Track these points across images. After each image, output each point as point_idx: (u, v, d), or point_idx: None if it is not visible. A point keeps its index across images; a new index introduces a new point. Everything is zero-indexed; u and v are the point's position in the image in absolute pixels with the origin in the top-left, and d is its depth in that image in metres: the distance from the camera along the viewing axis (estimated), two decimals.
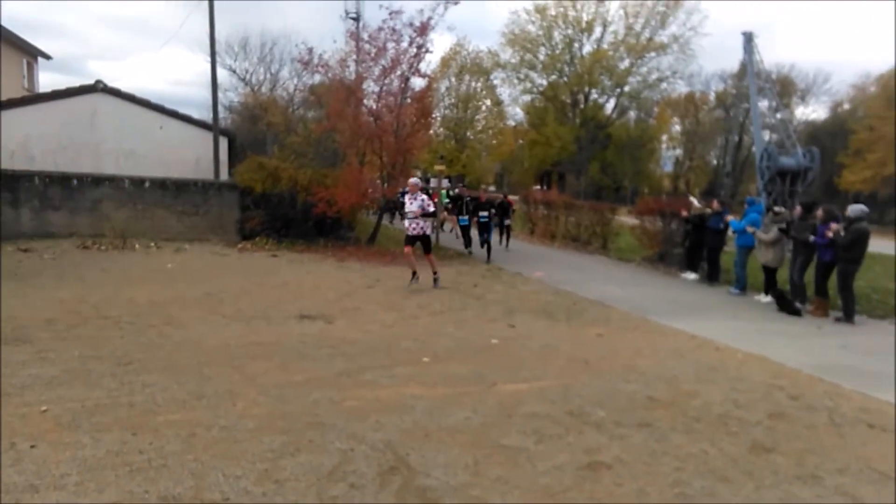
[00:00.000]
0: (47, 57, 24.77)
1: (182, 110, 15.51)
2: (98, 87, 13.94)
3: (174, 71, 64.37)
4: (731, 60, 63.05)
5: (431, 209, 9.35)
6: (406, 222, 9.19)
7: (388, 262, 11.42)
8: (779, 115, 27.76)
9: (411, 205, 8.93)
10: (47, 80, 52.34)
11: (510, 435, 3.79)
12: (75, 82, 14.30)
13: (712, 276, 11.36)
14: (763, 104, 29.15)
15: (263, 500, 2.85)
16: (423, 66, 13.29)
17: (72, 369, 4.45)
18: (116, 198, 12.23)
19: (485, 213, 13.41)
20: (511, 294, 9.09)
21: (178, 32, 65.44)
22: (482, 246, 12.96)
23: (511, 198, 18.04)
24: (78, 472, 2.96)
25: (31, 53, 23.64)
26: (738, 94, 40.38)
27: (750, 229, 9.91)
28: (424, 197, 9.22)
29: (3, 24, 19.27)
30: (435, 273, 9.24)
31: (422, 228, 9.01)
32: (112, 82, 14.24)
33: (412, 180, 9.24)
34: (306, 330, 6.15)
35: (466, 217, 13.94)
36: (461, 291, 9.01)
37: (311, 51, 13.38)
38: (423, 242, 9.15)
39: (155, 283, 8.05)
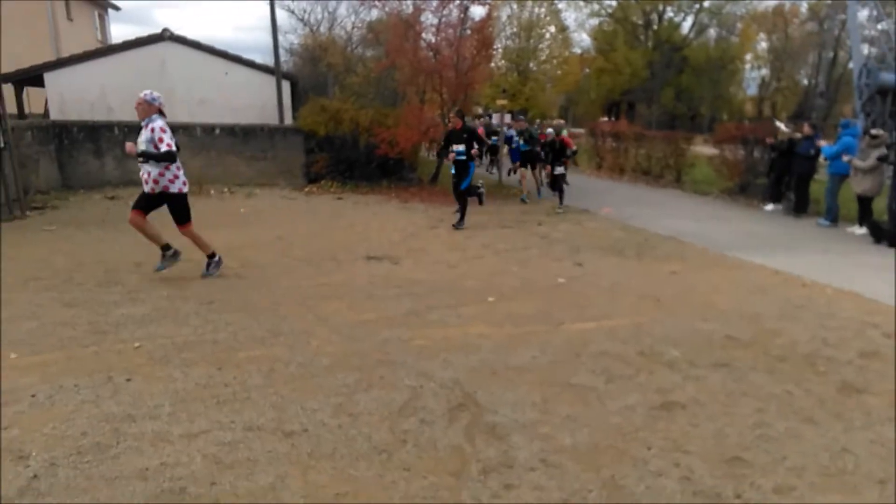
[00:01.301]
0: (116, 8, 25.52)
1: (246, 55, 15.66)
2: (165, 36, 14.23)
3: (237, 16, 64.82)
4: None
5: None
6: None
7: (451, 202, 11.34)
8: (880, 26, 24.70)
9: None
10: (118, 31, 54.30)
11: (579, 374, 3.74)
12: (144, 32, 14.64)
13: (799, 206, 10.57)
14: (862, 14, 25.94)
15: (339, 432, 2.97)
16: None
17: (160, 308, 4.75)
18: (190, 145, 12.66)
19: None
20: (577, 232, 8.85)
21: None
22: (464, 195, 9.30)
23: (572, 133, 16.02)
24: (170, 403, 3.19)
25: (102, 5, 24.41)
26: (833, 3, 36.16)
27: (846, 158, 9.04)
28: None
29: None
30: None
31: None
32: (177, 31, 14.49)
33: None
34: (373, 271, 6.26)
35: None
36: (525, 230, 8.86)
37: None
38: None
39: (230, 227, 8.38)
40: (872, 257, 7.58)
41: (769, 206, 11.06)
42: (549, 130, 12.14)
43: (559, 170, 10.93)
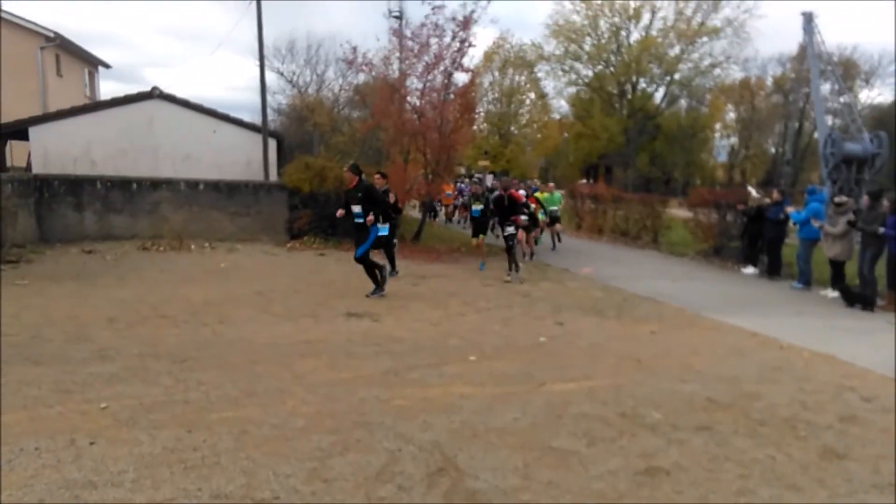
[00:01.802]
0: (107, 66, 26.02)
1: (234, 114, 15.96)
2: (154, 94, 14.47)
3: (226, 77, 66.30)
4: (790, 43, 60.10)
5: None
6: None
7: (433, 260, 11.40)
8: (842, 99, 26.27)
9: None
10: (107, 88, 55.11)
11: (560, 437, 3.67)
12: (133, 90, 14.90)
13: (773, 269, 10.82)
14: (825, 88, 27.58)
15: (313, 499, 2.84)
16: (466, 61, 13.21)
17: (131, 366, 4.60)
18: (174, 200, 12.68)
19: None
20: (558, 291, 8.90)
21: (228, 37, 67.46)
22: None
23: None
24: (135, 468, 3.04)
25: (92, 63, 24.90)
26: (797, 77, 38.42)
27: (816, 223, 9.36)
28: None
29: (65, 36, 20.36)
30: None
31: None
32: (167, 89, 14.77)
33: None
34: (353, 328, 6.18)
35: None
36: (507, 288, 8.89)
37: (355, 50, 13.48)
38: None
39: (209, 282, 8.28)
40: (846, 320, 7.72)
41: (748, 269, 11.29)
42: (490, 182, 11.74)
43: (509, 230, 9.71)
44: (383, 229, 8.36)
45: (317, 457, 3.26)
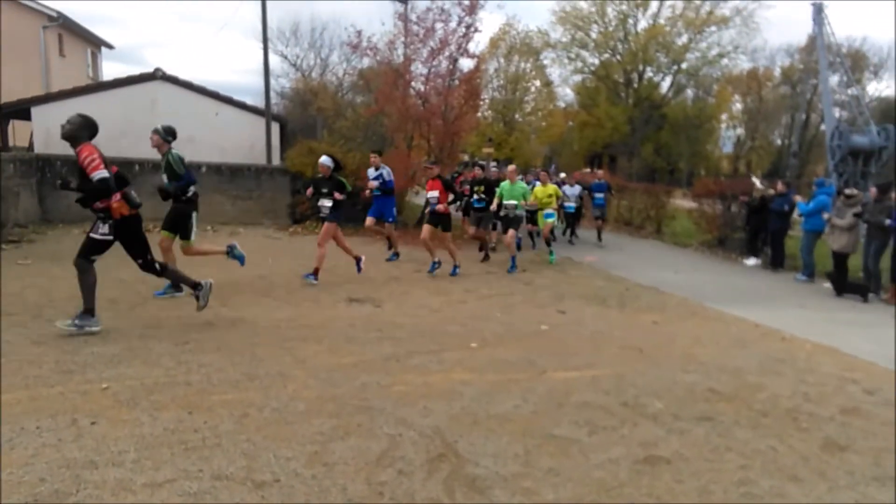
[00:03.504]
0: (110, 46, 25.83)
1: (237, 97, 15.85)
2: (157, 75, 14.39)
3: (229, 59, 66.02)
4: (799, 33, 59.55)
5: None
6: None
7: (434, 246, 11.34)
8: (850, 91, 25.99)
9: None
10: (110, 69, 54.79)
11: (561, 425, 3.67)
12: (135, 71, 14.79)
13: (776, 261, 10.78)
14: (833, 79, 27.31)
15: (313, 482, 2.84)
16: (471, 47, 13.10)
17: (133, 347, 4.60)
18: None
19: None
20: (560, 279, 8.88)
21: (232, 19, 66.96)
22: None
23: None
24: (136, 449, 3.04)
25: (95, 43, 24.71)
26: (805, 69, 37.94)
27: (825, 215, 9.31)
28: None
29: (68, 16, 20.19)
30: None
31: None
32: (170, 71, 14.67)
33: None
34: (354, 313, 6.17)
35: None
36: (509, 276, 8.87)
37: (359, 34, 13.36)
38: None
39: (211, 265, 8.25)
40: (849, 313, 7.69)
41: (751, 261, 11.25)
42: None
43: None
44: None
45: (318, 441, 3.26)
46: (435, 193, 8.54)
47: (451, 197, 9.18)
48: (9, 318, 5.18)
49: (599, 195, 13.33)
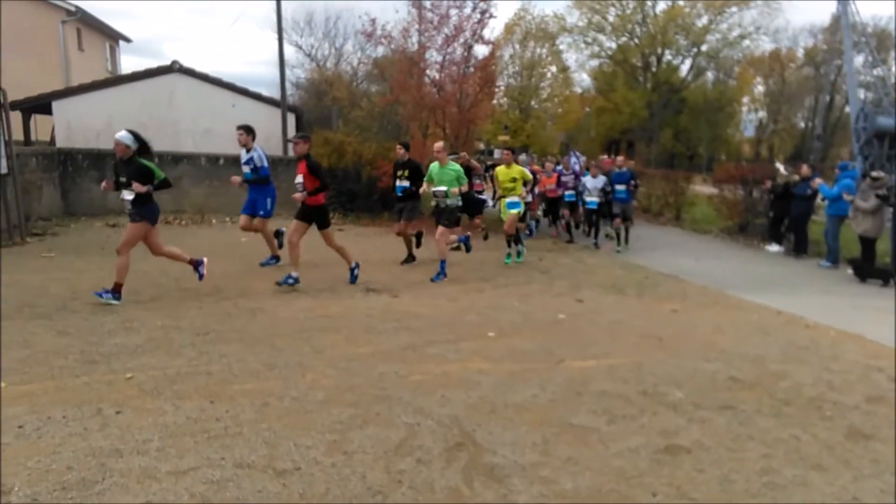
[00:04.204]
0: (128, 40, 26.07)
1: (253, 88, 15.92)
2: (174, 68, 14.49)
3: (245, 51, 66.25)
4: (822, 13, 57.83)
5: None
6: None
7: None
8: (876, 72, 25.23)
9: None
10: (128, 62, 55.39)
11: (580, 414, 3.65)
12: (153, 64, 14.91)
13: (799, 247, 10.58)
14: (858, 60, 26.53)
15: (333, 470, 2.87)
16: (486, 33, 13.01)
17: (155, 338, 4.68)
18: (194, 175, 12.75)
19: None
20: (578, 268, 8.82)
21: (246, 11, 67.05)
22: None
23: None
24: (159, 437, 3.10)
25: (113, 37, 24.96)
26: (829, 49, 37.02)
27: (847, 197, 9.10)
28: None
29: (86, 10, 20.39)
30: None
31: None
32: (187, 63, 14.76)
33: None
34: (372, 303, 6.20)
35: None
36: (526, 265, 8.83)
37: (374, 22, 13.30)
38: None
39: (229, 256, 8.36)
40: (874, 299, 7.53)
41: (773, 247, 11.05)
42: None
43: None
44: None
45: (337, 429, 3.29)
46: (300, 179, 6.97)
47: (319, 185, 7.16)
48: (33, 310, 5.30)
49: (621, 187, 10.91)
